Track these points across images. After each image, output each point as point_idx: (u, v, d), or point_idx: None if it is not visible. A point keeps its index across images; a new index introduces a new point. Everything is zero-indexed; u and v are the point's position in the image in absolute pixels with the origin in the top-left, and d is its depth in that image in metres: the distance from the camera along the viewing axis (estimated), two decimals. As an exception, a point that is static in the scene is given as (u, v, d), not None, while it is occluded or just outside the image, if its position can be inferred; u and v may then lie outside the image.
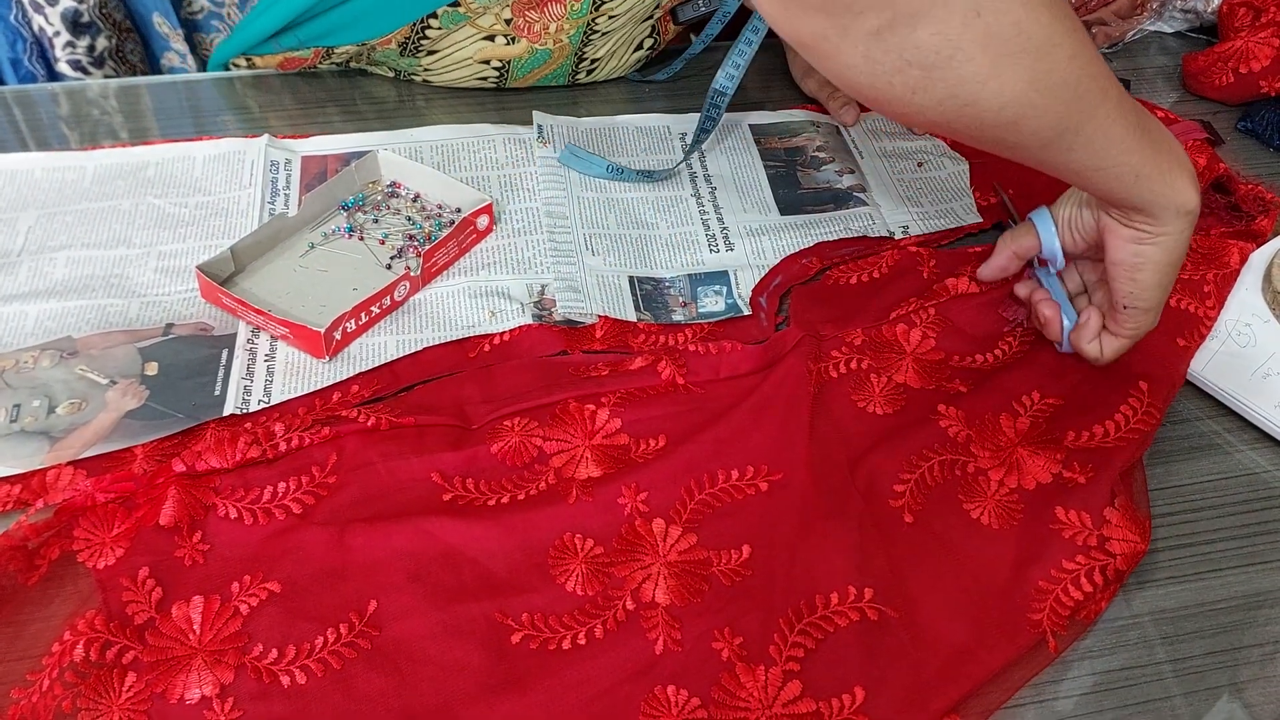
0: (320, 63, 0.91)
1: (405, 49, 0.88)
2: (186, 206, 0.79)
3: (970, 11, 0.48)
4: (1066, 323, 0.67)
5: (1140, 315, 0.63)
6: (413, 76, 0.93)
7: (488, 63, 0.89)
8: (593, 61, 0.91)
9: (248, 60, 0.92)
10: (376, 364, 0.68)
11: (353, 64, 0.94)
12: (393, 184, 0.81)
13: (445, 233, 0.74)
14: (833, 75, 0.52)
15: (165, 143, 0.85)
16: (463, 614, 0.55)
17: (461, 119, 0.90)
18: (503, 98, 0.93)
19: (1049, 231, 0.67)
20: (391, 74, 0.94)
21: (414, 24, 0.86)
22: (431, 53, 0.89)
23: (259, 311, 0.68)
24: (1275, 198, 0.82)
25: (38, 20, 1.17)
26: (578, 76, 0.93)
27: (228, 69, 0.94)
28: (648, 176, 0.84)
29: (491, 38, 0.87)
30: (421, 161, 0.83)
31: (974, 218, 0.82)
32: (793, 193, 0.85)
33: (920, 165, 0.88)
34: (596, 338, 0.71)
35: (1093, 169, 0.57)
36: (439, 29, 0.86)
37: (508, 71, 0.90)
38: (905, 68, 0.49)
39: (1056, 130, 0.54)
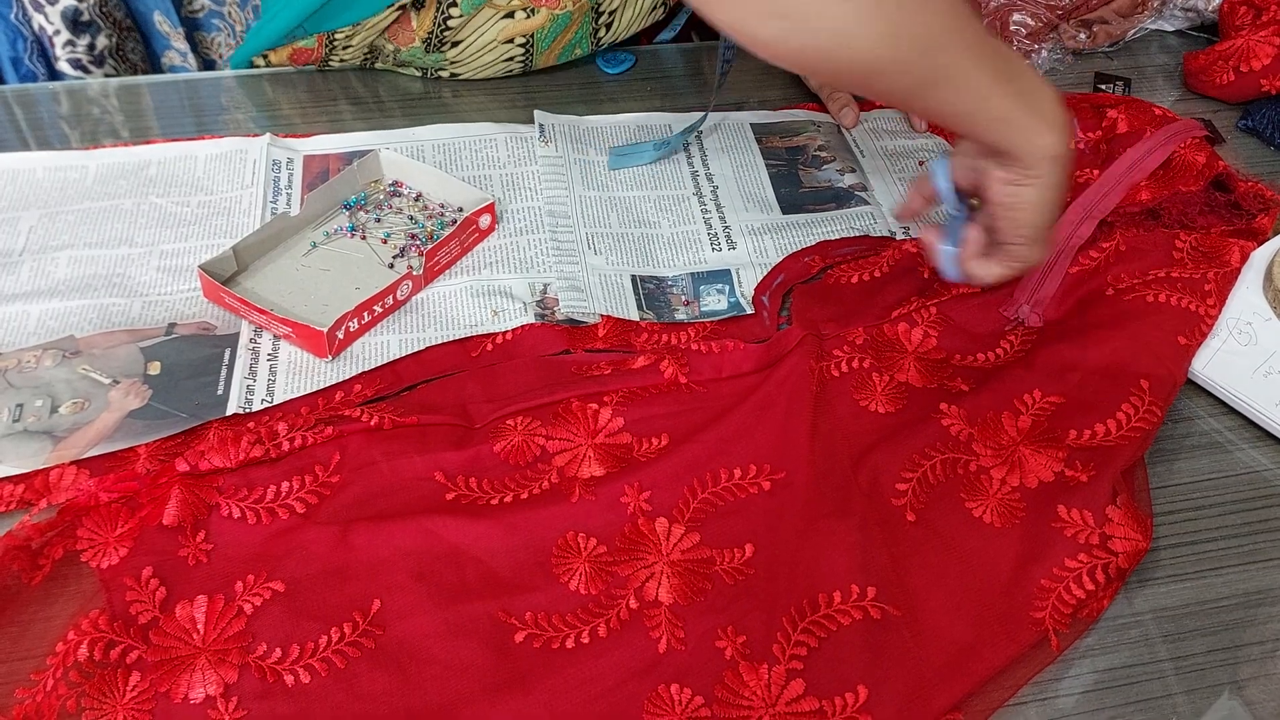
0: (329, 55, 0.92)
1: (429, 45, 0.89)
2: (188, 206, 0.79)
3: None
4: (946, 248, 0.69)
5: (1023, 250, 0.65)
6: (440, 73, 0.94)
7: (511, 41, 0.90)
8: (610, 14, 0.92)
9: (264, 58, 0.93)
10: (379, 363, 0.68)
11: (379, 65, 0.94)
12: (394, 183, 0.81)
13: (447, 232, 0.74)
14: (709, 18, 0.54)
15: (167, 142, 0.85)
16: (466, 613, 0.55)
17: (489, 115, 0.91)
18: (529, 82, 0.94)
19: (943, 176, 0.68)
20: (419, 74, 0.95)
21: (435, 17, 0.87)
22: (455, 44, 0.90)
23: (261, 311, 0.68)
24: (1275, 195, 0.82)
25: (38, 19, 1.17)
26: (599, 35, 0.94)
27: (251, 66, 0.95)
28: (691, 131, 0.86)
29: (511, 14, 0.88)
30: (423, 160, 0.83)
31: None
32: (794, 192, 0.85)
33: (922, 164, 0.88)
34: (599, 336, 0.71)
35: (960, 115, 0.60)
36: (460, 16, 0.87)
37: (533, 47, 0.91)
38: (769, 18, 0.53)
39: (915, 82, 0.57)
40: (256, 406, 0.65)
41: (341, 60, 0.93)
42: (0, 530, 0.57)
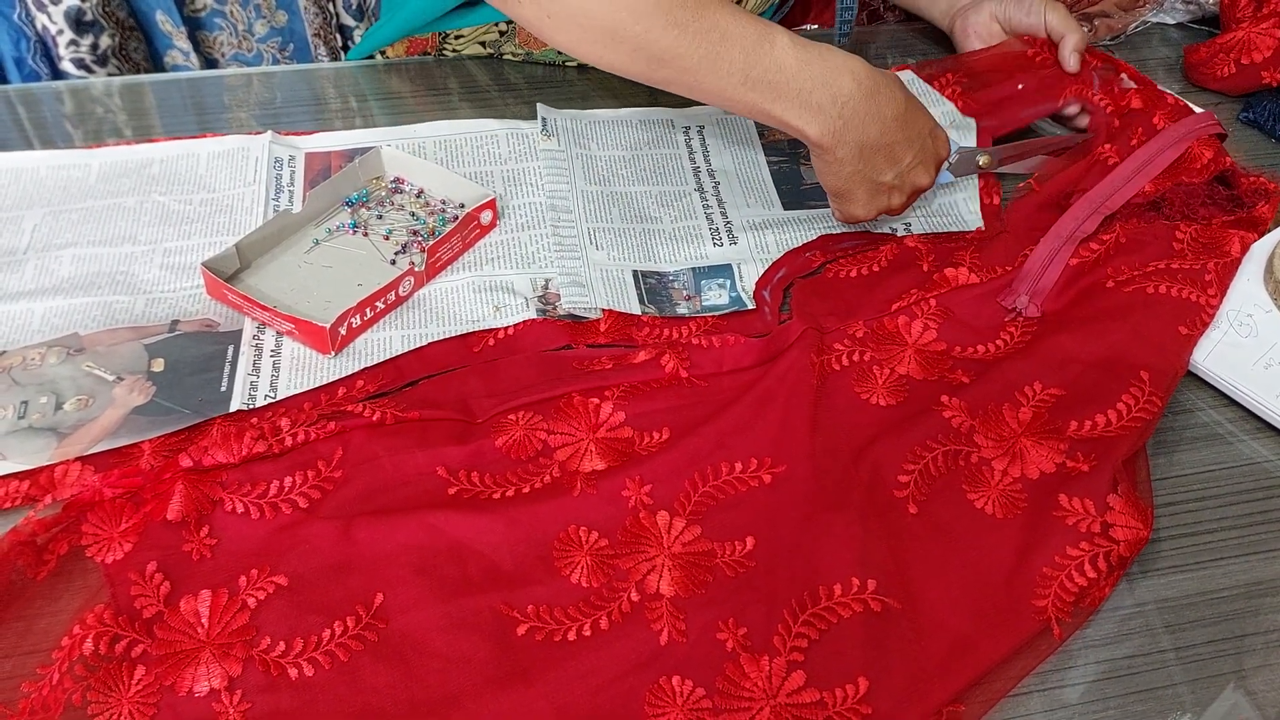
0: (442, 43, 0.94)
1: None
2: (191, 203, 0.80)
3: None
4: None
5: (835, 203, 0.77)
6: (568, 64, 0.96)
7: None
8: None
9: (381, 53, 0.96)
10: (381, 359, 0.69)
11: (504, 55, 0.96)
12: (396, 180, 0.82)
13: (449, 228, 0.74)
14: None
15: (169, 140, 0.85)
16: (468, 606, 0.56)
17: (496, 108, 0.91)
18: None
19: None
20: (543, 64, 0.97)
21: None
22: None
23: (264, 308, 0.68)
24: (1276, 187, 0.82)
25: (41, 19, 1.17)
26: None
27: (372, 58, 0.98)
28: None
29: None
30: (424, 157, 0.84)
31: (976, 220, 0.82)
32: (795, 188, 0.85)
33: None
34: (600, 331, 0.71)
35: (750, 114, 0.70)
36: None
37: None
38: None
39: (686, 91, 0.70)
40: (260, 402, 0.66)
41: (455, 50, 0.95)
42: (5, 526, 0.57)
